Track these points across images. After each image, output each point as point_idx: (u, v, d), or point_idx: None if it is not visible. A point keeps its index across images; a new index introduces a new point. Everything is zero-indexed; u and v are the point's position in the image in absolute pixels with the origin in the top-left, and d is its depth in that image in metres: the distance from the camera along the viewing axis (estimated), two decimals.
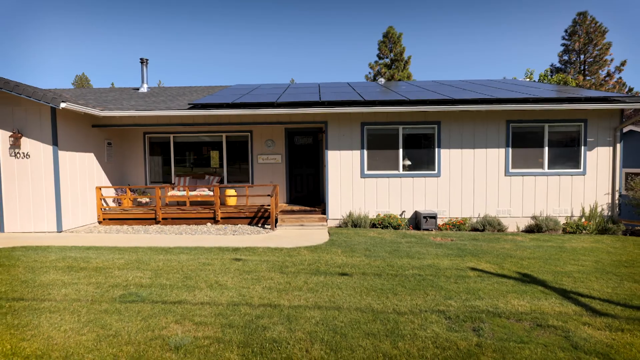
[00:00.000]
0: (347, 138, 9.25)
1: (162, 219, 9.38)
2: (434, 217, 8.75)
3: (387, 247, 6.79)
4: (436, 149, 9.19)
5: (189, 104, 9.60)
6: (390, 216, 8.95)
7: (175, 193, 10.00)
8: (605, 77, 29.39)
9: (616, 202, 9.01)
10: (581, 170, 9.07)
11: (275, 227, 8.75)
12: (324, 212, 9.35)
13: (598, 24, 29.09)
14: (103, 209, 9.50)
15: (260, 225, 9.21)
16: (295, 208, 9.82)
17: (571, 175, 9.08)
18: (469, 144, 9.15)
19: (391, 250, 6.59)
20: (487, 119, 9.10)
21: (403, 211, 9.24)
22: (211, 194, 9.78)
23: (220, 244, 6.95)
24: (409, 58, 29.08)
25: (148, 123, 9.67)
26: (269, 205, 9.59)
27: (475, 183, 9.17)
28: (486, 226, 8.79)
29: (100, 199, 9.43)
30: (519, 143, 9.16)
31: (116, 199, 10.17)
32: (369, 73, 30.05)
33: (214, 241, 7.29)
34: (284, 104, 9.06)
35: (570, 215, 9.09)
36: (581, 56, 30.29)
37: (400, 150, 9.25)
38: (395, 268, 5.45)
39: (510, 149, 9.12)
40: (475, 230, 8.87)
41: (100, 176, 9.69)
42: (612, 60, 29.04)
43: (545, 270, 5.46)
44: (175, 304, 3.98)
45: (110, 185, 10.05)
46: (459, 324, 3.60)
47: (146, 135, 10.77)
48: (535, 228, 8.89)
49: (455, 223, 8.87)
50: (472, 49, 65.66)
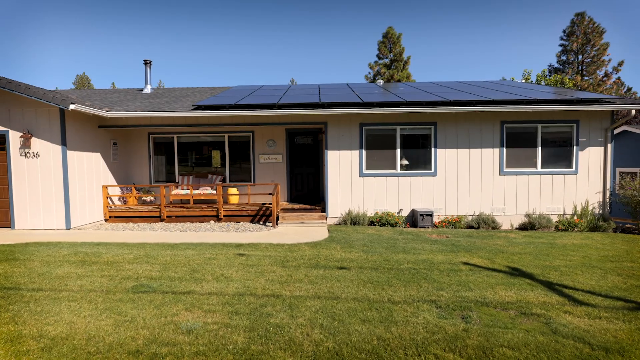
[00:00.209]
0: (346, 138, 9.53)
1: (167, 217, 9.67)
2: (430, 215, 9.03)
3: (384, 244, 7.07)
4: (432, 149, 9.47)
5: (192, 105, 9.88)
6: (388, 214, 9.23)
7: (179, 192, 10.28)
8: (603, 78, 29.61)
9: (607, 201, 9.28)
10: (573, 169, 9.35)
11: (277, 225, 9.03)
12: (323, 210, 9.63)
13: (596, 25, 29.33)
14: (109, 207, 9.79)
15: (262, 222, 9.49)
16: (296, 206, 10.11)
17: (564, 174, 9.36)
18: (465, 144, 9.43)
19: (388, 246, 6.87)
20: (482, 119, 9.37)
21: (400, 209, 9.52)
22: (214, 192, 10.07)
23: (224, 240, 7.23)
24: (409, 58, 29.36)
25: (153, 124, 9.95)
26: (270, 204, 9.87)
27: (470, 182, 9.45)
28: (481, 224, 9.07)
29: (107, 197, 9.71)
30: (513, 143, 9.44)
31: (122, 198, 10.46)
32: (369, 73, 30.32)
33: (217, 238, 7.57)
34: (285, 106, 9.34)
35: (562, 213, 9.37)
36: (579, 56, 30.53)
37: (398, 150, 9.53)
38: (392, 262, 5.73)
39: (504, 149, 9.40)
40: (470, 227, 9.15)
41: (107, 175, 9.98)
42: (610, 60, 29.28)
43: (534, 265, 5.74)
44: (184, 294, 4.26)
45: (116, 184, 10.34)
46: (448, 312, 3.88)
47: (150, 135, 11.06)
48: (528, 226, 9.17)
49: (450, 221, 9.15)
50: (472, 49, 66.00)
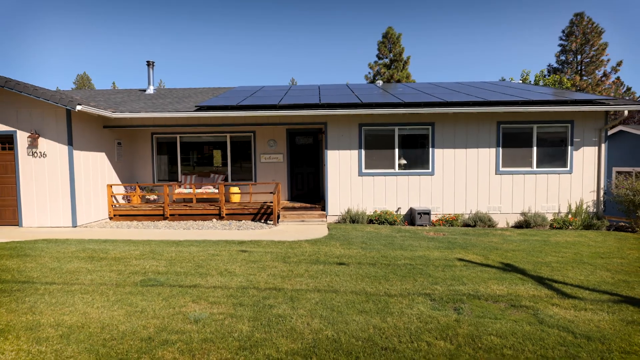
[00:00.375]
0: (346, 138, 9.73)
1: (170, 215, 9.88)
2: (427, 214, 9.24)
3: (383, 241, 7.28)
4: (430, 149, 9.67)
5: (195, 106, 10.08)
6: (386, 212, 9.43)
7: (182, 190, 10.50)
8: (601, 77, 29.77)
9: (601, 199, 9.48)
10: (568, 169, 9.55)
11: (278, 223, 9.24)
12: (323, 209, 9.84)
13: (594, 25, 29.50)
14: (114, 206, 10.00)
15: (263, 221, 9.71)
16: (297, 205, 10.31)
17: (558, 173, 9.56)
18: (462, 144, 9.63)
19: (386, 243, 7.08)
20: (479, 120, 9.57)
21: (399, 208, 9.72)
22: (216, 191, 10.27)
23: (227, 238, 7.45)
24: (408, 58, 29.54)
25: (156, 124, 10.16)
26: (271, 202, 10.08)
27: (467, 181, 9.65)
28: (477, 222, 9.28)
29: (111, 196, 9.92)
30: (509, 143, 9.64)
31: (126, 196, 10.67)
32: (369, 73, 30.51)
33: (220, 235, 7.78)
34: (286, 106, 9.54)
35: (557, 211, 9.57)
36: (578, 56, 30.69)
37: (396, 150, 9.73)
38: (389, 258, 5.94)
39: (500, 149, 9.60)
40: (467, 225, 9.36)
41: (111, 174, 10.19)
42: (609, 60, 29.45)
43: (526, 261, 5.94)
44: (190, 287, 4.47)
45: (120, 183, 10.55)
46: (442, 304, 4.09)
47: (154, 135, 11.27)
48: (524, 224, 9.37)
49: (448, 219, 9.35)
50: (472, 49, 66.13)
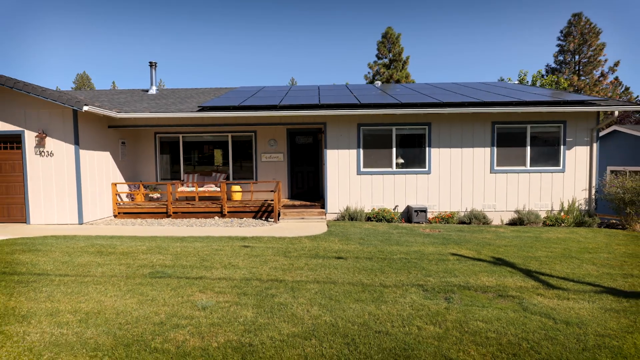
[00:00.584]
0: (345, 138, 9.99)
1: (173, 213, 10.14)
2: (424, 211, 9.50)
3: (380, 237, 7.54)
4: (427, 148, 9.93)
5: (198, 106, 10.33)
6: (384, 210, 9.69)
7: (185, 189, 10.76)
8: (599, 78, 30.02)
9: (593, 198, 9.75)
10: (561, 167, 9.81)
11: (278, 220, 9.50)
12: (323, 207, 10.10)
13: (592, 25, 29.75)
14: (118, 204, 10.26)
15: (264, 218, 9.97)
16: (297, 203, 10.58)
17: (551, 172, 9.83)
18: (457, 143, 9.89)
19: (383, 239, 7.35)
20: (474, 120, 9.83)
21: (396, 206, 9.99)
22: (218, 189, 10.53)
23: (229, 234, 7.71)
24: (408, 58, 29.79)
25: (160, 124, 10.41)
26: (272, 200, 10.34)
27: (462, 180, 9.92)
28: (472, 219, 9.54)
29: (116, 194, 10.18)
30: (504, 142, 9.90)
31: (130, 195, 10.93)
32: (368, 73, 30.76)
33: (222, 232, 8.04)
34: (286, 107, 9.80)
35: (550, 209, 9.83)
36: (576, 57, 30.95)
37: (394, 149, 9.99)
38: (385, 253, 6.20)
39: (495, 148, 9.86)
40: (462, 223, 9.62)
41: (115, 173, 10.44)
42: (606, 60, 29.71)
43: (517, 256, 6.20)
44: (196, 279, 4.74)
45: (124, 181, 10.80)
46: (433, 294, 4.35)
47: (157, 135, 11.52)
48: (518, 221, 9.64)
49: (444, 217, 9.62)
50: (471, 49, 66.40)
